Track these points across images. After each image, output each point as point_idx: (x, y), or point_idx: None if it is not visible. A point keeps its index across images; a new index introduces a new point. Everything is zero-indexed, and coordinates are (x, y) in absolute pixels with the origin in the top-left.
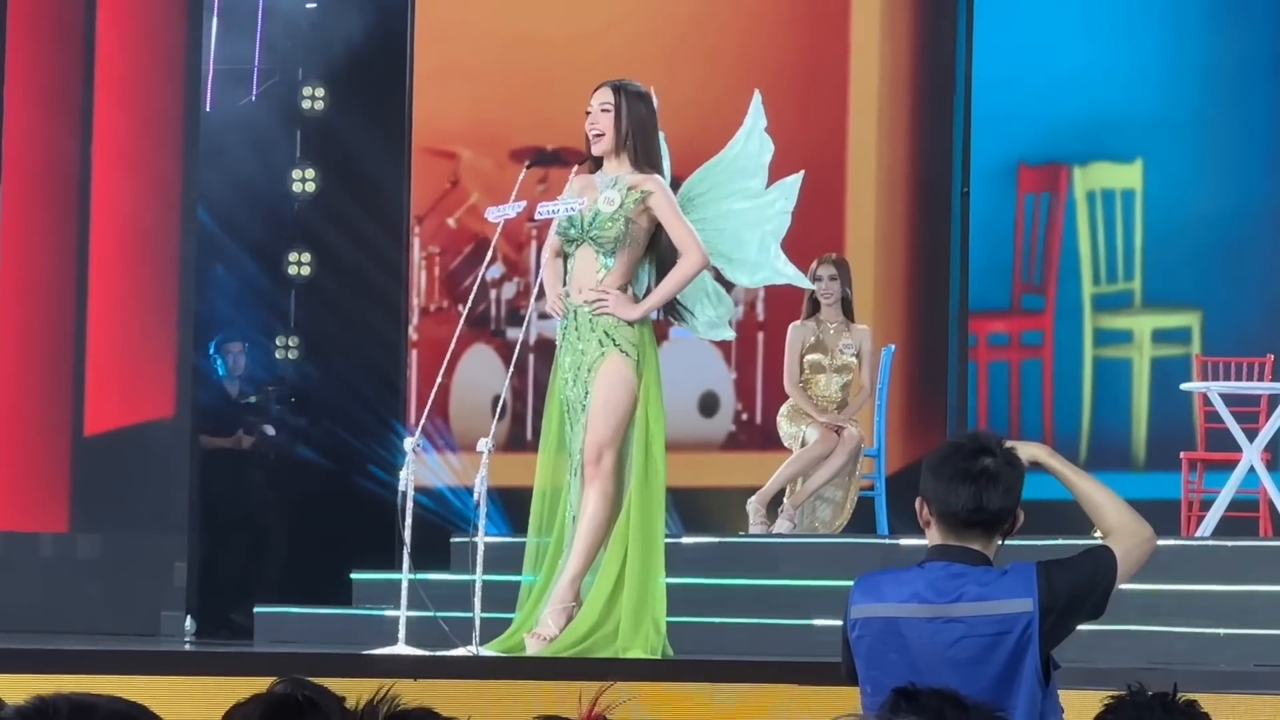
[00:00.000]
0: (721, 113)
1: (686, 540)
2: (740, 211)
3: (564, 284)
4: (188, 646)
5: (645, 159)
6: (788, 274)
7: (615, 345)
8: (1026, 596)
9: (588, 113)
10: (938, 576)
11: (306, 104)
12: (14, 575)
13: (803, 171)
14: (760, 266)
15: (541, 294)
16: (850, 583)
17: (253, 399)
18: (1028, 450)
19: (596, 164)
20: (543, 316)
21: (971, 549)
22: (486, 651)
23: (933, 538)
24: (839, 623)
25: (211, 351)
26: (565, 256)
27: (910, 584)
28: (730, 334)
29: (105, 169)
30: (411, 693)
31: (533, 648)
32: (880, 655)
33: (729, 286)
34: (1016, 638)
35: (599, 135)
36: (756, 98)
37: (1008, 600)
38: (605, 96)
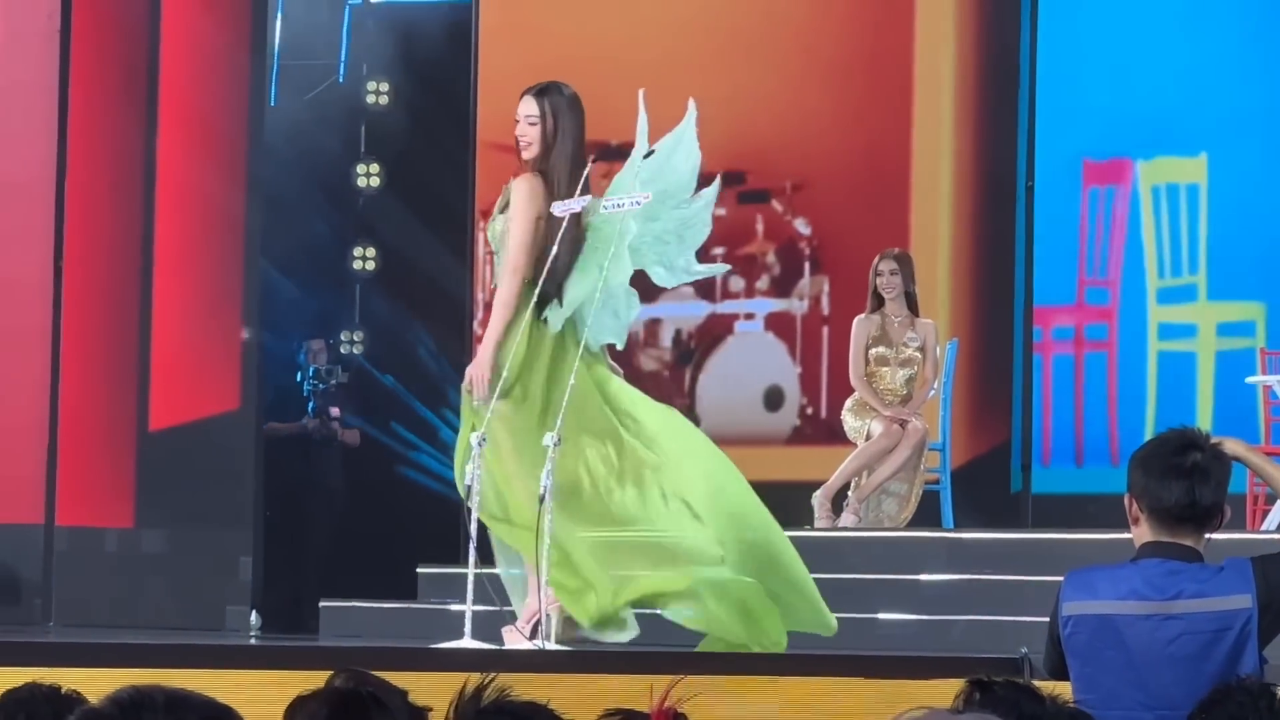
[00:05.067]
0: (785, 106)
1: None
2: (675, 218)
3: None
4: (253, 641)
5: (573, 166)
6: (700, 270)
7: None
8: (1245, 593)
9: (516, 122)
10: (1154, 573)
11: (371, 99)
12: (81, 570)
13: (719, 176)
14: (680, 271)
15: None
16: (916, 576)
17: (319, 384)
18: (1227, 445)
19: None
20: None
21: (1184, 545)
22: (552, 645)
23: (1142, 535)
24: (905, 616)
25: (295, 349)
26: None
27: (1126, 581)
28: (620, 339)
29: (170, 164)
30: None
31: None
32: (1096, 652)
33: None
34: (1236, 634)
35: (526, 145)
36: (691, 107)
37: (1226, 597)
38: (530, 108)
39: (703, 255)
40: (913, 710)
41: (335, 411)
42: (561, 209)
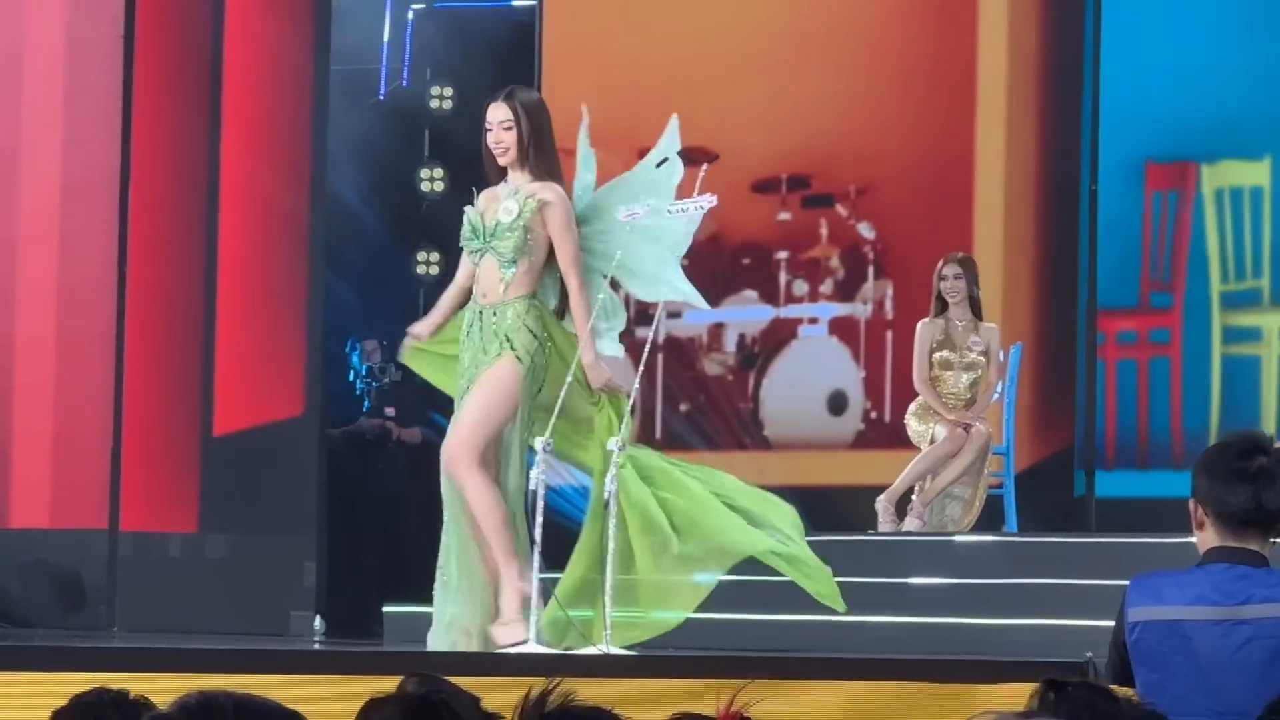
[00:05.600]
0: (849, 111)
1: (814, 539)
2: (650, 228)
3: (475, 289)
4: (317, 646)
5: (544, 168)
6: (684, 290)
7: (511, 349)
8: None
9: (488, 129)
10: (1222, 579)
11: (434, 104)
12: (144, 575)
13: (714, 197)
14: (658, 281)
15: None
16: (980, 580)
17: (373, 383)
18: None
19: (501, 175)
20: (671, 315)
21: (1250, 549)
22: (617, 650)
23: (1207, 540)
24: (966, 620)
25: (348, 349)
26: (473, 265)
27: (1194, 586)
28: (619, 350)
29: (233, 169)
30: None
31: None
32: (1163, 658)
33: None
34: None
35: (504, 150)
36: (673, 121)
37: None
38: (503, 113)
39: (768, 258)
40: (982, 714)
41: (390, 411)
42: (626, 213)
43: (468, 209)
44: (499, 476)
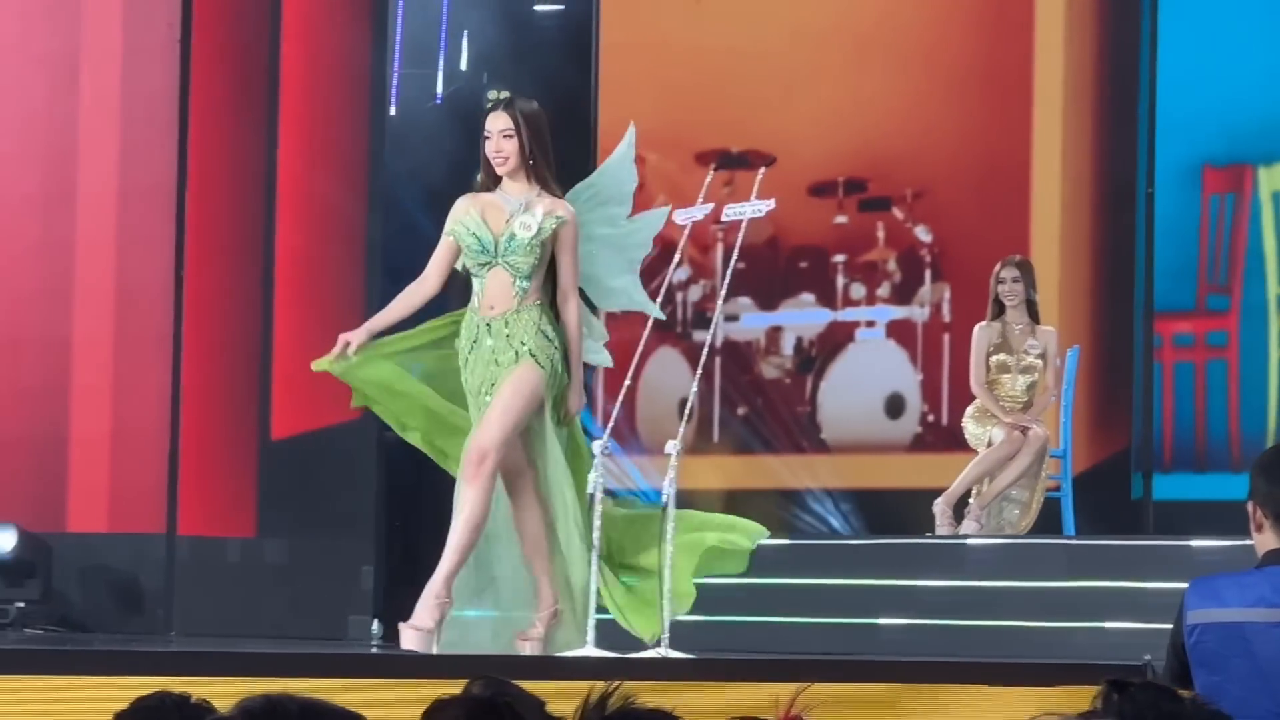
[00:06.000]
0: (906, 114)
1: (871, 541)
2: (604, 237)
3: (476, 300)
4: (375, 650)
5: (545, 178)
6: (639, 300)
7: (531, 356)
8: None
9: (486, 137)
10: None
11: (490, 105)
12: (202, 580)
13: (669, 207)
14: (618, 293)
15: (728, 296)
16: (1038, 583)
17: None
18: None
19: (494, 181)
20: (729, 319)
21: None
22: (671, 652)
23: (1266, 542)
24: (1024, 623)
25: None
26: (471, 276)
27: (1254, 588)
28: (608, 359)
29: (290, 172)
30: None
31: (412, 641)
32: (1223, 661)
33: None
34: None
35: (503, 159)
36: (630, 129)
37: None
38: (504, 122)
39: (825, 261)
40: (1043, 715)
41: None
42: (684, 217)
43: (463, 219)
44: (538, 485)
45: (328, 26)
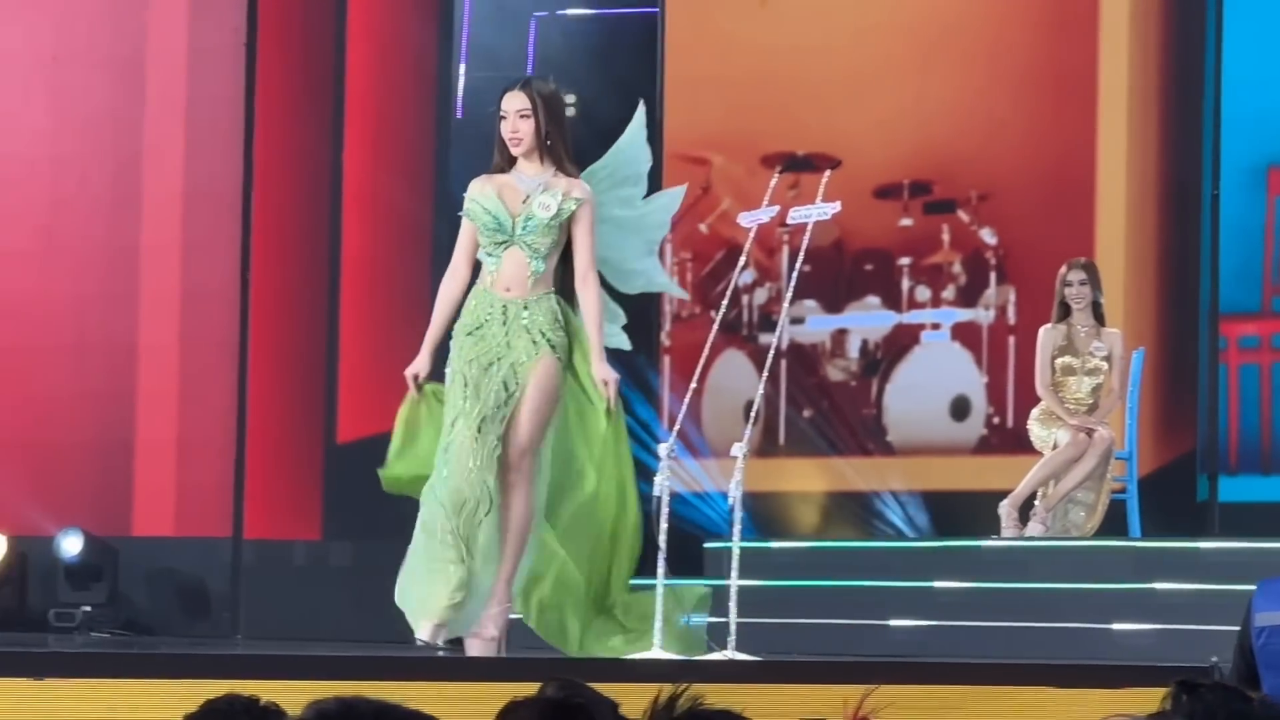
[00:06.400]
0: (971, 117)
1: (938, 544)
2: (620, 218)
3: (488, 279)
4: (441, 654)
5: (562, 160)
6: (660, 282)
7: (550, 346)
8: None
9: (503, 117)
10: None
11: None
12: (268, 583)
13: (684, 185)
14: (638, 275)
15: (793, 299)
16: (1102, 586)
17: None
18: None
19: (509, 162)
20: (795, 321)
21: None
22: (738, 654)
23: None
24: (1090, 625)
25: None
26: (486, 254)
27: None
28: (627, 342)
29: (356, 175)
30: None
31: (478, 649)
32: None
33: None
34: None
35: (519, 140)
36: (640, 108)
37: None
38: (520, 102)
39: (890, 264)
40: (1113, 716)
41: None
42: (749, 220)
43: (478, 198)
44: (532, 474)
45: (394, 29)
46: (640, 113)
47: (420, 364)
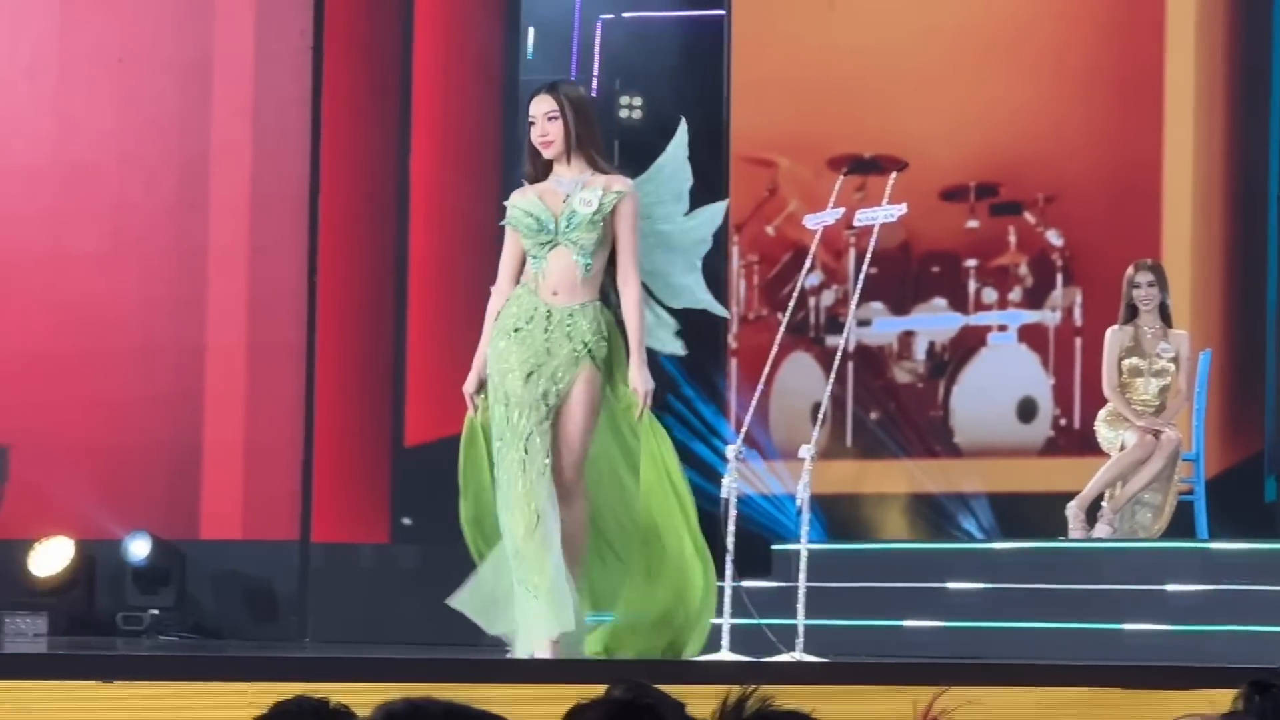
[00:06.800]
0: (1037, 118)
1: (1005, 545)
2: (663, 234)
3: (534, 282)
4: (509, 656)
5: (601, 156)
6: (703, 299)
7: (591, 358)
8: None
9: (531, 122)
10: None
11: (624, 113)
12: (336, 586)
13: (726, 201)
14: (683, 290)
15: (860, 301)
16: (1170, 587)
17: None
18: None
19: (542, 170)
20: (862, 324)
21: None
22: (806, 656)
23: None
24: (1157, 627)
25: None
26: (532, 257)
27: None
28: (678, 347)
29: (423, 178)
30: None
31: (545, 653)
32: None
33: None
34: None
35: (549, 143)
36: (682, 126)
37: None
38: (548, 104)
39: (956, 266)
40: (1185, 716)
41: None
42: (815, 221)
43: (523, 201)
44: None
45: (461, 31)
46: (682, 130)
47: (473, 383)
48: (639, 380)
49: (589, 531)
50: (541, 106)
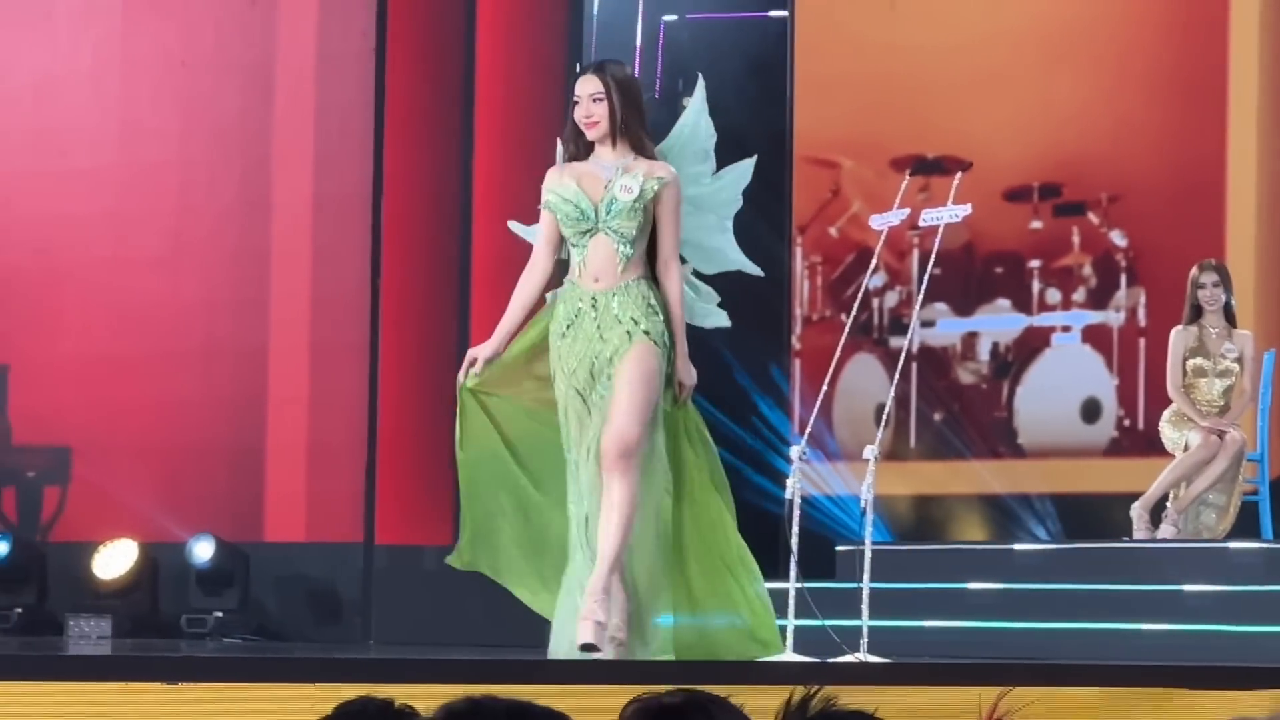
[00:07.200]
0: (1100, 118)
1: (1069, 546)
2: (694, 196)
3: (576, 272)
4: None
5: (648, 140)
6: (737, 260)
7: (645, 333)
8: None
9: (576, 102)
10: None
11: None
12: (399, 588)
13: (755, 156)
14: (716, 254)
15: (924, 302)
16: (1234, 588)
17: None
18: None
19: (585, 150)
20: (925, 324)
21: None
22: (870, 657)
23: None
24: (1222, 628)
25: None
26: (572, 245)
27: None
28: (723, 319)
29: (486, 181)
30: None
31: (589, 633)
32: None
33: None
34: None
35: (594, 123)
36: (700, 83)
37: None
38: (594, 85)
39: (1020, 267)
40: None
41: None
42: (880, 222)
43: (557, 188)
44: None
45: (523, 32)
46: (700, 88)
47: (486, 348)
48: (684, 374)
49: (635, 520)
50: (587, 87)
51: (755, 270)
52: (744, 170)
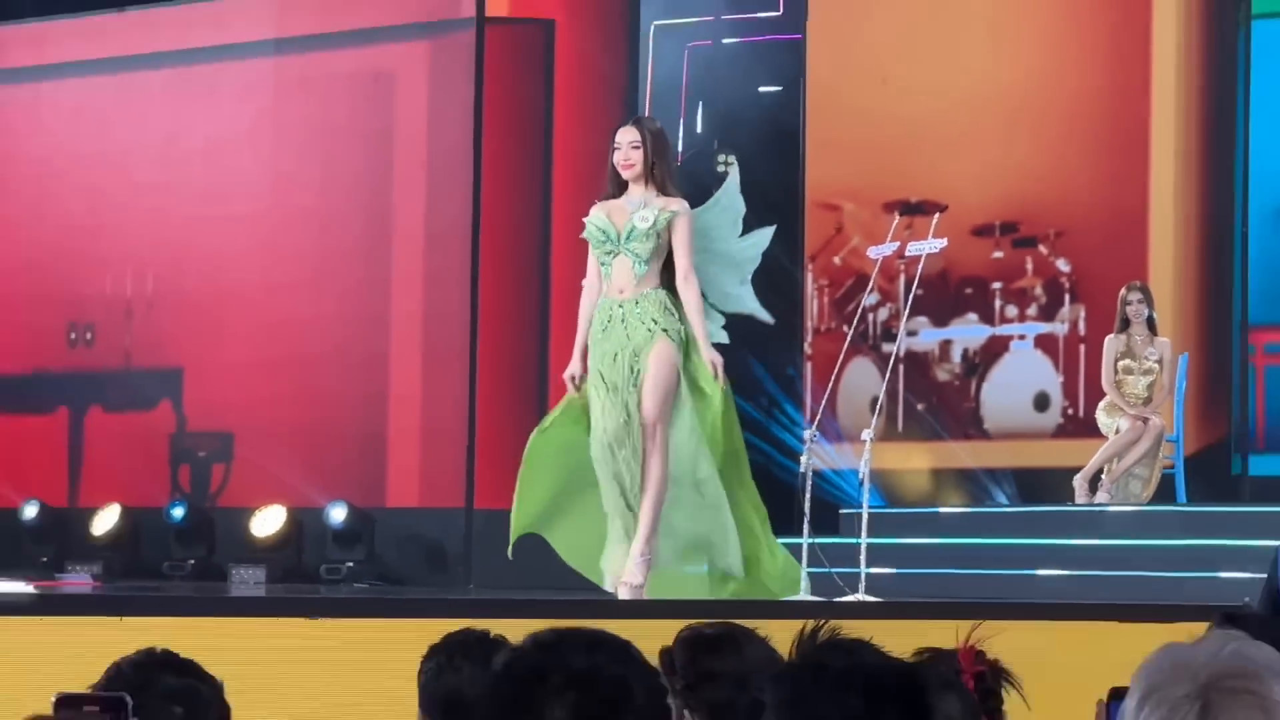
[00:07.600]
0: (1048, 169)
1: (1025, 509)
2: (721, 253)
3: (605, 285)
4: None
5: (671, 182)
6: (751, 306)
7: (663, 330)
8: None
9: (616, 148)
10: None
11: (720, 168)
12: (494, 543)
13: (774, 226)
14: (735, 299)
15: (909, 316)
16: (1156, 542)
17: None
18: None
19: (619, 189)
20: (910, 334)
21: None
22: (867, 597)
23: None
24: (1148, 574)
25: None
26: (601, 264)
27: None
28: (723, 335)
29: (564, 211)
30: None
31: (627, 594)
32: None
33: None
34: None
35: (630, 166)
36: (734, 165)
37: None
38: (633, 135)
39: (985, 288)
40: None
41: None
42: (876, 253)
43: (592, 220)
44: (663, 441)
45: (592, 93)
46: (734, 171)
47: (574, 366)
48: (709, 354)
49: (666, 486)
50: (627, 136)
51: (766, 317)
52: (765, 236)
